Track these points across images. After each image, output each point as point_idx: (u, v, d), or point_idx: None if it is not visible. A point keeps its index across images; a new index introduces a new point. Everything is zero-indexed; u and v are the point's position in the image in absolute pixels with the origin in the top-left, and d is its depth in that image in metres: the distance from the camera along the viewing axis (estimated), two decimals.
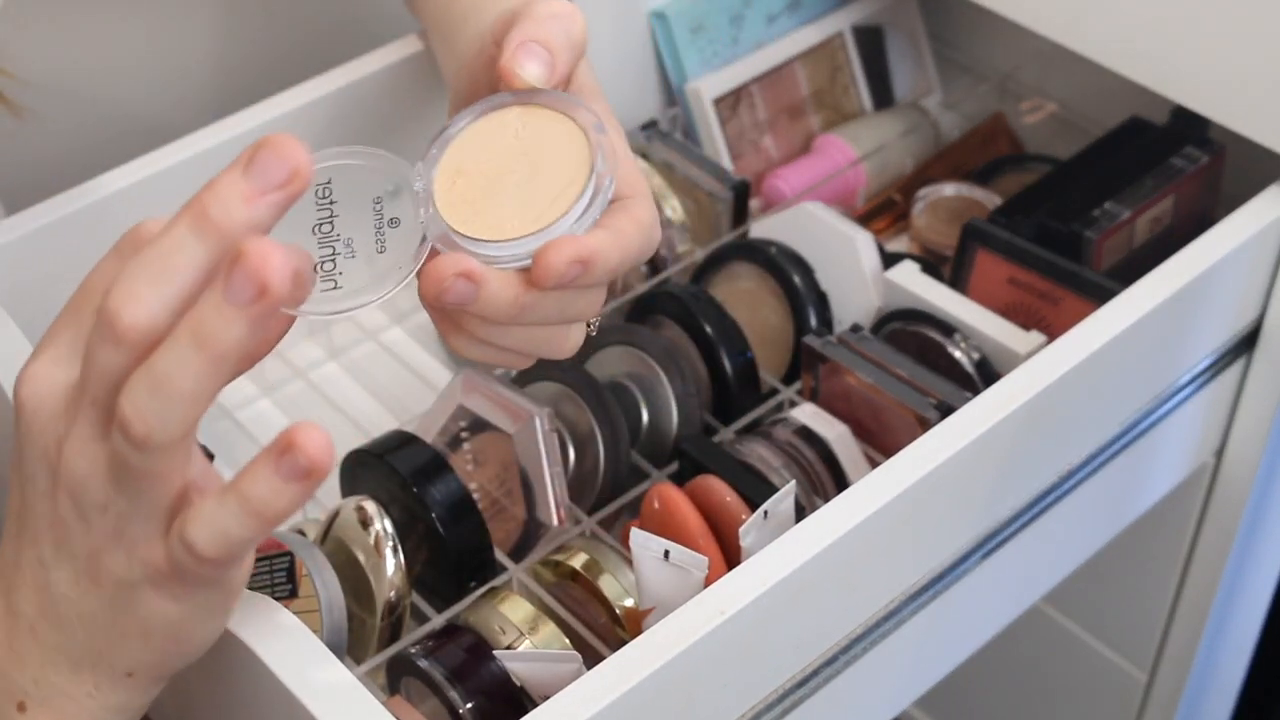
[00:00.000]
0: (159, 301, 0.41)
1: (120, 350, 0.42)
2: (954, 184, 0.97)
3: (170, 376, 0.41)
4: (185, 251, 0.41)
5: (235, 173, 0.41)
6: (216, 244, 0.41)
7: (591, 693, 0.56)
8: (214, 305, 0.40)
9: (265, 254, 0.39)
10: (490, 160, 0.55)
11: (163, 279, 0.41)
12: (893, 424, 0.75)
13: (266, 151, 0.41)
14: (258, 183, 0.41)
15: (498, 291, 0.51)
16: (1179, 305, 0.75)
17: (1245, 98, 0.79)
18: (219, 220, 0.41)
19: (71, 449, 0.44)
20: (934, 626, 0.72)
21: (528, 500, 0.73)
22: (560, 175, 0.54)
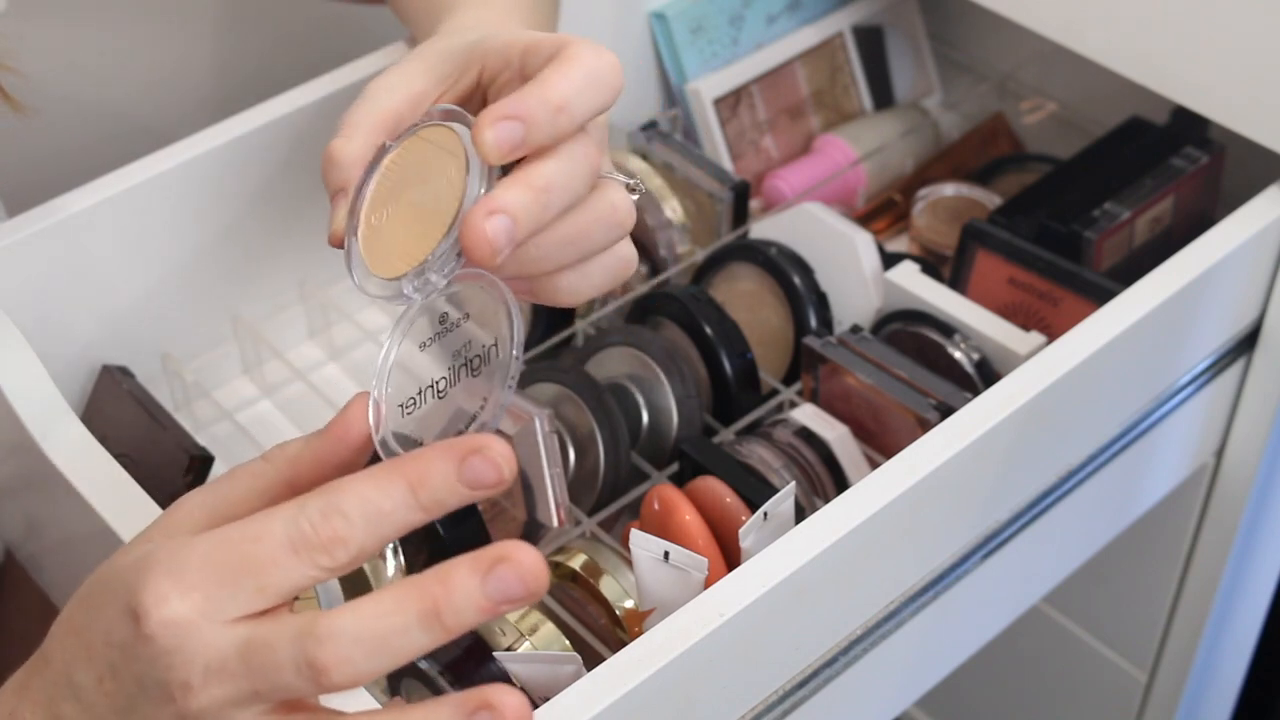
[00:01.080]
0: (369, 674, 0.43)
1: (312, 689, 0.43)
2: (954, 184, 0.97)
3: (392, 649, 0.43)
4: (407, 639, 0.42)
5: (474, 578, 0.42)
6: (441, 639, 0.43)
7: (591, 694, 0.56)
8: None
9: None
10: (395, 189, 0.55)
11: (380, 656, 0.42)
12: (893, 425, 0.75)
13: (507, 569, 0.42)
14: (495, 597, 0.42)
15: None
16: (1179, 305, 0.75)
17: (1245, 98, 0.79)
18: (449, 623, 0.42)
19: (209, 704, 0.44)
20: (934, 627, 0.72)
21: (528, 501, 0.73)
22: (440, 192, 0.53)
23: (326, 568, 0.44)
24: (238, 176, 0.81)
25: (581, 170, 0.52)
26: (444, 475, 0.44)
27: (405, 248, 0.53)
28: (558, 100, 0.51)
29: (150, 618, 0.44)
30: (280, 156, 0.82)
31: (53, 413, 0.66)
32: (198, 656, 0.43)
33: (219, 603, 0.44)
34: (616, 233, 0.55)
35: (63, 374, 0.74)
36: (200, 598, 0.44)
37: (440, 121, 0.55)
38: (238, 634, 0.44)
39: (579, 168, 0.52)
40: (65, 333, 0.78)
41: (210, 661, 0.43)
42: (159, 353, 0.83)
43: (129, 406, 0.76)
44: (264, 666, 0.43)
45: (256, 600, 0.44)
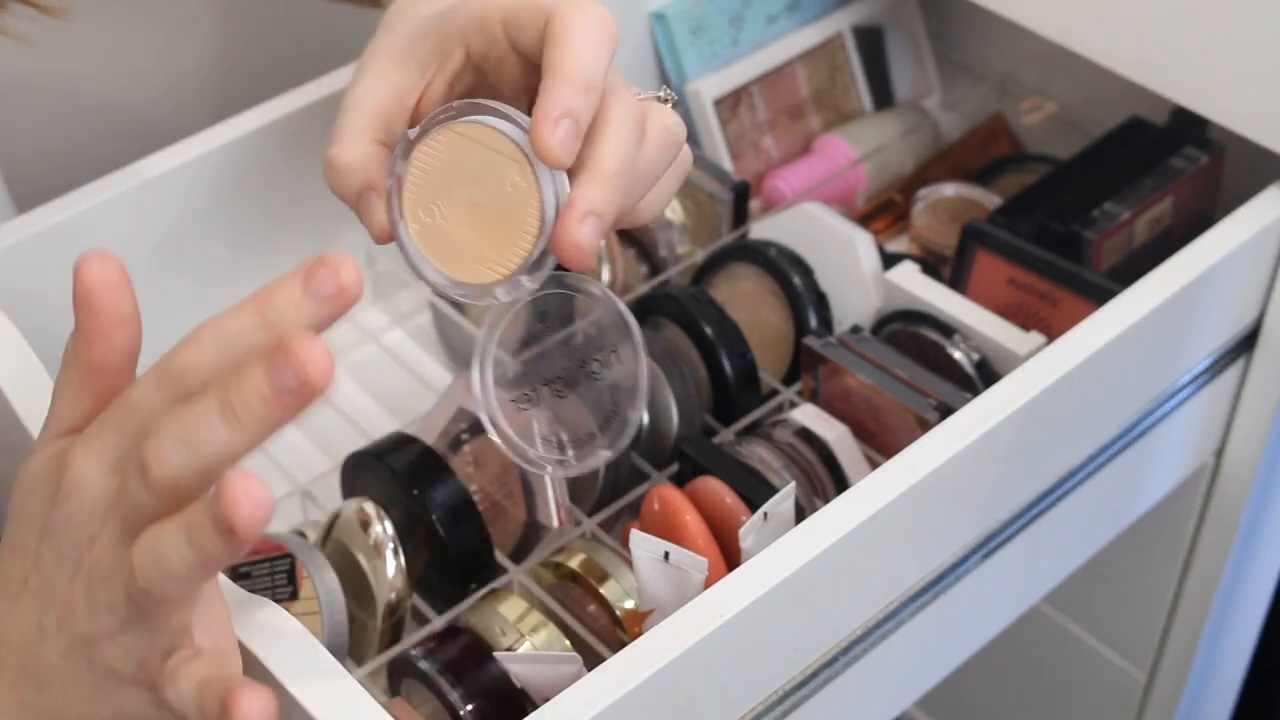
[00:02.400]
0: (183, 468, 0.44)
1: (150, 495, 0.45)
2: (954, 184, 0.97)
3: (168, 556, 0.45)
4: (211, 433, 0.44)
5: (258, 371, 0.43)
6: (241, 436, 0.44)
7: (592, 694, 0.56)
8: (204, 518, 0.43)
9: (240, 495, 0.42)
10: (442, 186, 0.56)
11: (189, 452, 0.44)
12: (893, 425, 0.75)
13: (286, 358, 0.43)
14: (277, 386, 0.43)
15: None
16: (1179, 306, 0.75)
17: (1245, 98, 0.79)
18: (242, 416, 0.44)
19: (101, 550, 0.47)
20: (934, 627, 0.72)
21: (528, 502, 0.73)
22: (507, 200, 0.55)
23: (182, 393, 0.46)
24: (240, 176, 0.81)
25: (634, 132, 0.55)
26: (289, 291, 0.46)
27: (476, 248, 0.55)
28: (584, 81, 0.52)
29: (65, 476, 0.47)
30: (283, 156, 0.82)
31: None
32: (99, 501, 0.47)
33: (111, 451, 0.47)
34: (675, 150, 0.57)
35: None
36: (99, 450, 0.47)
37: (473, 117, 0.55)
38: (113, 480, 0.47)
39: (631, 131, 0.54)
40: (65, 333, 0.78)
41: (102, 501, 0.47)
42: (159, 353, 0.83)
43: None
44: (120, 486, 0.46)
45: (135, 440, 0.46)
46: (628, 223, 0.59)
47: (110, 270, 0.49)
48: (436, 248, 0.56)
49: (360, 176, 0.58)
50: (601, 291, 0.56)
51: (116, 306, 0.49)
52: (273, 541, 0.68)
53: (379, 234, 0.57)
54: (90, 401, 0.50)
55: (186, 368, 0.46)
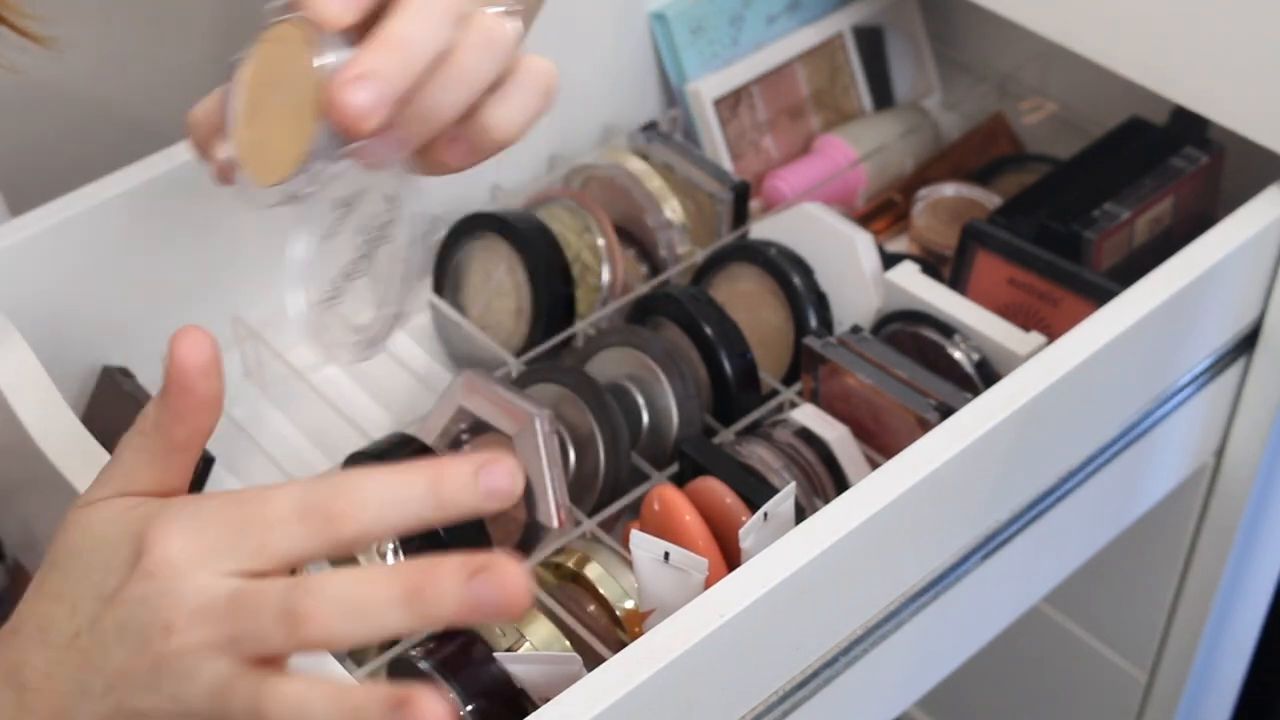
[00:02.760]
0: (341, 634, 0.44)
1: (289, 642, 0.44)
2: (954, 184, 0.97)
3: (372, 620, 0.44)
4: (383, 613, 0.44)
5: (460, 574, 0.43)
6: (412, 621, 0.44)
7: (592, 695, 0.56)
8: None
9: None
10: (259, 100, 0.53)
11: (355, 622, 0.44)
12: (893, 425, 0.75)
13: (491, 576, 0.43)
14: (473, 599, 0.43)
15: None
16: (1179, 306, 0.75)
17: (1245, 98, 0.79)
18: (427, 609, 0.43)
19: (186, 648, 0.45)
20: (934, 628, 0.72)
21: (528, 502, 0.73)
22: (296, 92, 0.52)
23: (329, 540, 0.45)
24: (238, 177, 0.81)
25: (437, 14, 0.50)
26: (462, 476, 0.45)
27: (285, 149, 0.52)
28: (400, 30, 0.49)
29: (153, 554, 0.46)
30: None
31: (52, 413, 0.66)
32: (189, 598, 0.45)
33: (220, 553, 0.46)
34: (500, 55, 0.52)
35: (63, 375, 0.74)
36: (204, 545, 0.46)
37: (282, 17, 0.52)
38: (231, 583, 0.45)
39: (432, 12, 0.50)
40: (65, 333, 0.78)
41: (200, 603, 0.45)
42: (159, 354, 0.83)
43: (130, 407, 0.76)
44: (248, 610, 0.45)
45: (256, 558, 0.46)
46: (481, 142, 0.54)
47: (206, 351, 0.48)
48: (259, 163, 0.53)
49: (207, 125, 0.55)
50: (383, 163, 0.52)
51: (210, 389, 0.49)
52: None
53: (216, 173, 0.55)
54: (163, 473, 0.49)
55: (344, 515, 0.45)
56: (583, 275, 0.86)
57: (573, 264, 0.86)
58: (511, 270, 0.86)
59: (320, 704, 0.44)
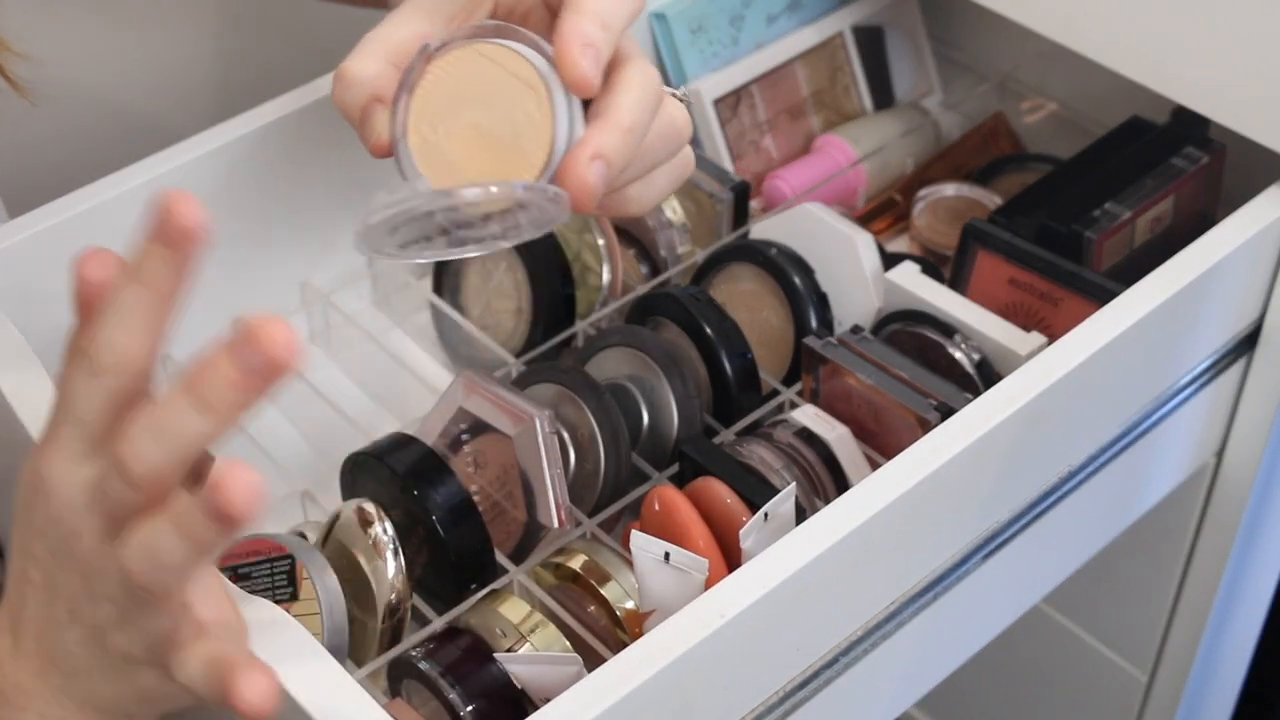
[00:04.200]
0: (164, 459, 0.46)
1: (131, 490, 0.46)
2: (954, 184, 0.97)
3: (161, 550, 0.46)
4: (185, 424, 0.45)
5: (224, 358, 0.45)
6: (214, 422, 0.46)
7: (592, 695, 0.56)
8: (199, 510, 0.45)
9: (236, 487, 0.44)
10: (450, 105, 0.55)
11: (168, 443, 0.46)
12: (893, 425, 0.75)
13: (249, 341, 0.44)
14: (243, 370, 0.45)
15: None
16: (1179, 306, 0.75)
17: (1245, 97, 0.79)
18: (213, 403, 0.45)
19: (87, 547, 0.48)
20: (935, 628, 0.72)
21: (528, 502, 0.72)
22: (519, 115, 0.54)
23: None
24: (239, 177, 0.81)
25: (651, 99, 0.55)
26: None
27: (475, 171, 0.54)
28: (600, 19, 0.54)
29: (39, 477, 0.49)
30: (282, 157, 0.82)
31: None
32: (74, 498, 0.48)
33: (66, 449, 0.48)
34: (677, 144, 0.58)
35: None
36: (56, 448, 0.48)
37: (499, 40, 0.54)
38: (90, 463, 0.48)
39: (649, 96, 0.55)
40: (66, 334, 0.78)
41: (81, 496, 0.48)
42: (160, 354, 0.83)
43: None
44: (98, 482, 0.47)
45: (82, 430, 0.48)
46: (616, 209, 0.59)
47: (108, 268, 0.49)
48: (432, 164, 0.55)
49: (368, 89, 0.58)
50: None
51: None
52: (272, 542, 0.68)
53: (376, 147, 0.58)
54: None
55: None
56: (583, 275, 0.86)
57: (573, 264, 0.86)
58: (511, 270, 0.86)
59: (163, 531, 0.46)
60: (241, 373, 0.44)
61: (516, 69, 0.54)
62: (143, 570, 0.46)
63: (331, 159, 0.85)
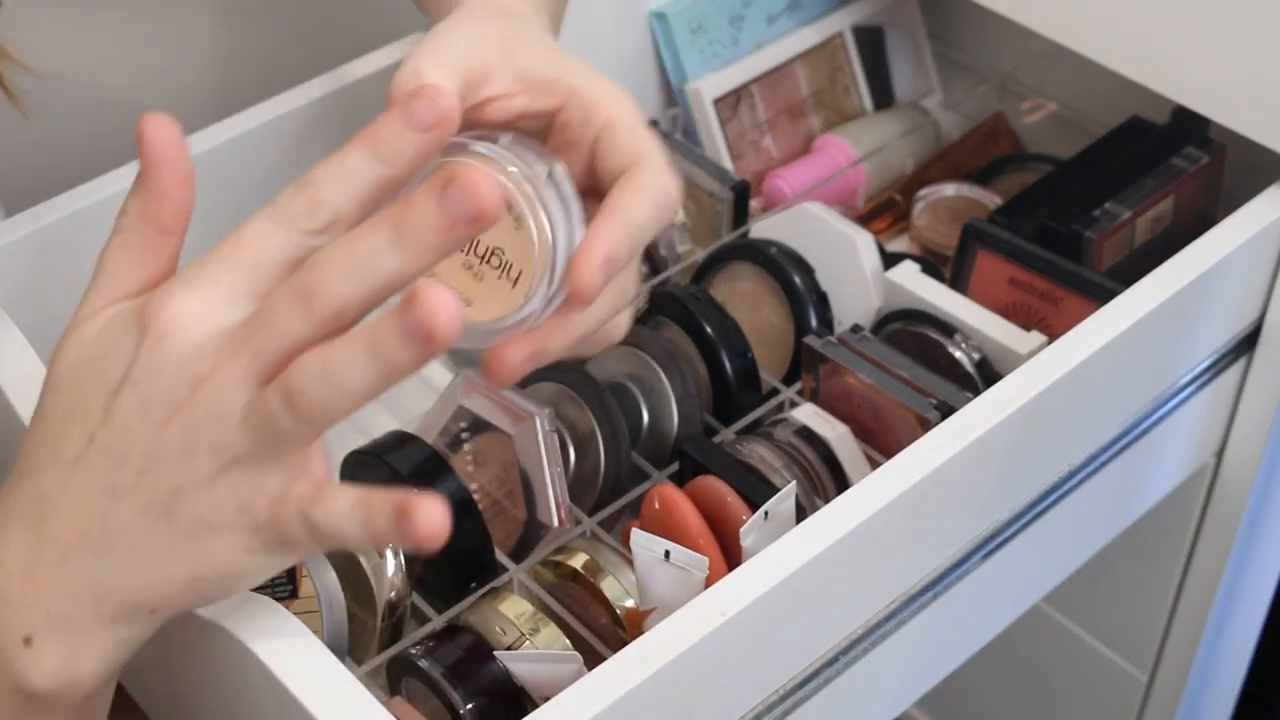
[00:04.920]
0: (352, 296, 0.45)
1: (308, 324, 0.45)
2: (954, 184, 0.97)
3: (343, 373, 0.45)
4: (380, 260, 0.45)
5: (430, 201, 0.44)
6: (409, 261, 0.45)
7: (592, 693, 0.56)
8: (394, 330, 0.44)
9: (437, 302, 0.43)
10: None
11: (359, 278, 0.45)
12: (893, 424, 0.75)
13: (458, 189, 0.44)
14: (450, 216, 0.44)
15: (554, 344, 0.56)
16: (1179, 306, 0.75)
17: (1245, 97, 0.78)
18: (413, 243, 0.44)
19: (217, 387, 0.46)
20: (935, 627, 0.72)
21: (528, 501, 0.73)
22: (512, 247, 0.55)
23: (309, 230, 0.47)
24: (240, 174, 0.81)
25: (667, 212, 0.56)
26: (424, 211, 0.45)
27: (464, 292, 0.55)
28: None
29: (159, 320, 0.47)
30: (283, 154, 0.82)
31: None
32: (209, 339, 0.46)
33: (220, 289, 0.47)
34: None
35: None
36: (204, 289, 0.47)
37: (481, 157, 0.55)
38: (240, 310, 0.47)
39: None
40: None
41: (218, 341, 0.46)
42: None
43: None
44: (263, 314, 0.46)
45: (251, 276, 0.47)
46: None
47: (173, 129, 0.48)
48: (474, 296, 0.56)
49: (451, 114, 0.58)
50: None
51: (186, 162, 0.49)
52: None
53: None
54: (156, 263, 0.50)
55: (309, 206, 0.47)
56: None
57: None
58: None
59: (352, 350, 0.45)
60: (447, 219, 0.44)
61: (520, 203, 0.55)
62: (317, 393, 0.45)
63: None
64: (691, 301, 0.80)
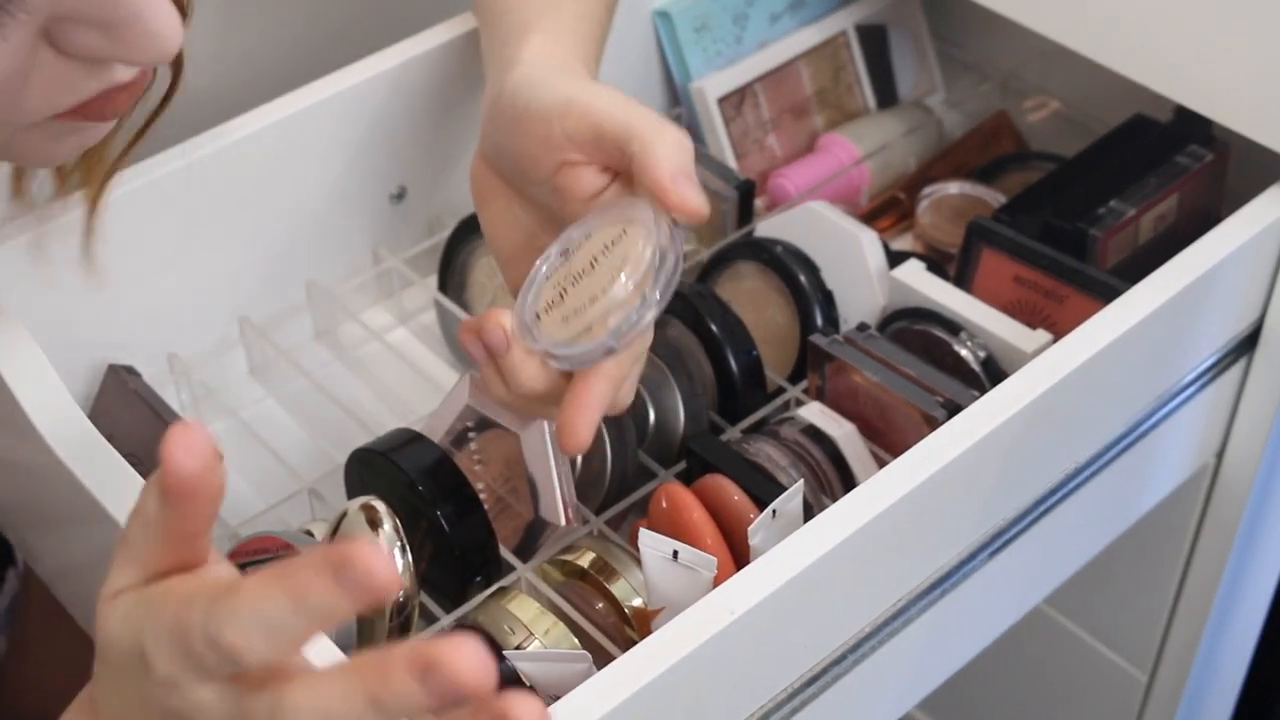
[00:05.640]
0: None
1: (234, 667, 0.44)
2: (958, 182, 0.97)
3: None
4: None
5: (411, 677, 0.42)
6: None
7: (602, 692, 0.56)
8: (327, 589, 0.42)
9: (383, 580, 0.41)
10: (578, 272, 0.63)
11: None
12: (899, 422, 0.75)
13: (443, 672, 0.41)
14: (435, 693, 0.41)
15: (515, 365, 0.64)
16: (1183, 304, 0.75)
17: (1246, 98, 0.79)
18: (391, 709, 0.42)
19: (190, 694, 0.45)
20: (941, 625, 0.72)
21: (534, 499, 0.72)
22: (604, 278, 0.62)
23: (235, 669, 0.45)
24: (245, 176, 0.81)
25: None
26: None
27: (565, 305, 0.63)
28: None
29: (152, 671, 0.45)
30: (287, 156, 0.82)
31: (61, 411, 0.66)
32: (198, 708, 0.45)
33: (196, 671, 0.45)
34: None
35: (69, 373, 0.74)
36: (185, 665, 0.45)
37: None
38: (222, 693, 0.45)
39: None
40: (72, 331, 0.78)
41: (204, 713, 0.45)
42: (165, 352, 0.83)
43: (135, 405, 0.76)
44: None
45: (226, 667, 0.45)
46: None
47: (201, 451, 0.44)
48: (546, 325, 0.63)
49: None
50: None
51: (210, 488, 0.46)
52: (280, 540, 0.68)
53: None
54: (177, 554, 0.48)
55: (236, 650, 0.43)
56: None
57: None
58: None
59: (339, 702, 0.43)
60: (434, 698, 0.41)
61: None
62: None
63: (337, 158, 0.85)
64: (697, 300, 0.80)
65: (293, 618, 0.42)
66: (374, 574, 0.41)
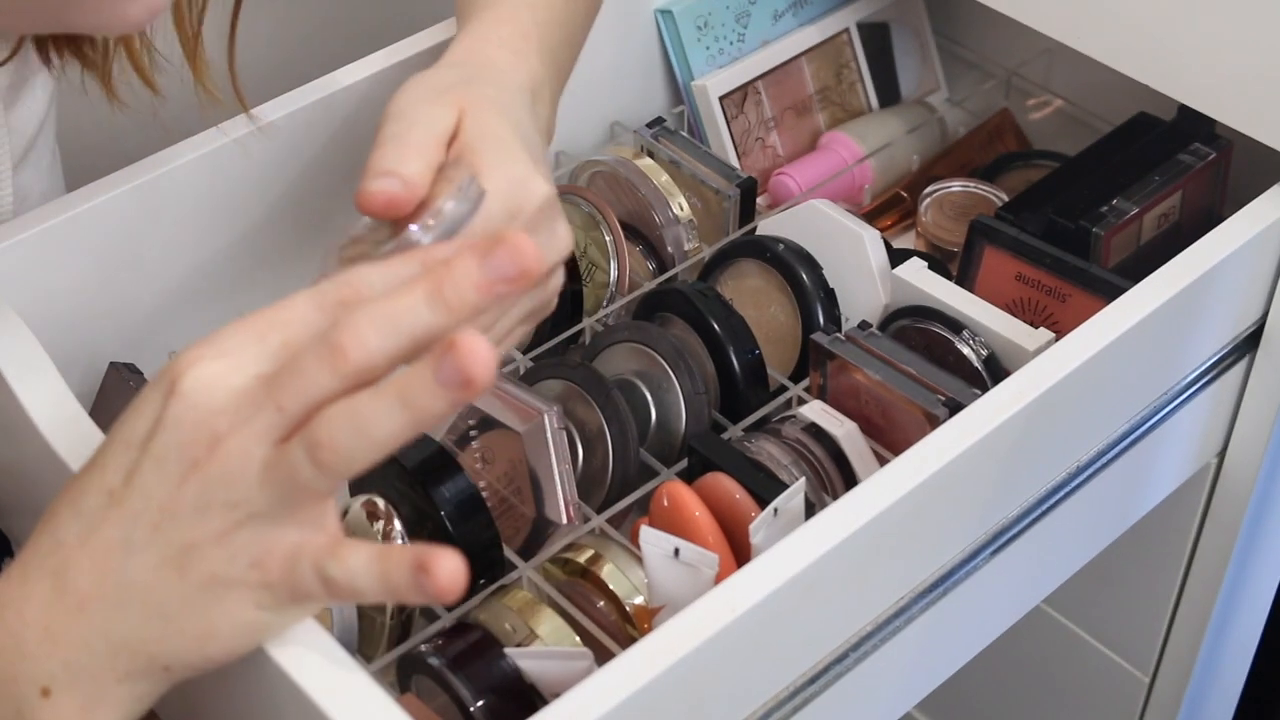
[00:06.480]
0: (382, 351, 0.45)
1: (335, 378, 0.45)
2: (960, 180, 0.96)
3: (372, 424, 0.45)
4: (415, 316, 0.45)
5: (472, 261, 0.45)
6: (444, 318, 0.45)
7: (603, 690, 0.56)
8: (425, 380, 0.44)
9: (475, 349, 0.43)
10: None
11: (391, 333, 0.45)
12: (901, 421, 0.75)
13: (503, 252, 0.45)
14: (490, 275, 0.45)
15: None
16: (1186, 303, 0.75)
17: (1249, 98, 0.78)
18: (451, 300, 0.45)
19: (234, 445, 0.46)
20: (943, 623, 0.72)
21: (537, 498, 0.72)
22: None
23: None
24: (246, 174, 0.81)
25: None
26: (465, 270, 0.45)
27: None
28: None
29: (184, 378, 0.47)
30: (289, 154, 0.82)
31: (63, 410, 0.66)
32: (230, 398, 0.46)
33: (246, 355, 0.47)
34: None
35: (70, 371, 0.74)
36: (231, 356, 0.47)
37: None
38: (262, 371, 0.47)
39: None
40: (73, 330, 0.78)
41: (239, 399, 0.46)
42: (166, 350, 0.83)
43: None
44: (287, 371, 0.46)
45: (279, 353, 0.47)
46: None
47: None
48: None
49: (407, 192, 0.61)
50: None
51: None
52: None
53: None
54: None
55: (354, 296, 0.47)
56: (590, 271, 0.86)
57: (580, 260, 0.86)
58: None
59: (381, 399, 0.45)
60: (489, 278, 0.44)
61: None
62: (344, 445, 0.45)
63: (341, 155, 0.85)
64: (699, 299, 0.80)
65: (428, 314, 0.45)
66: (523, 251, 0.44)
